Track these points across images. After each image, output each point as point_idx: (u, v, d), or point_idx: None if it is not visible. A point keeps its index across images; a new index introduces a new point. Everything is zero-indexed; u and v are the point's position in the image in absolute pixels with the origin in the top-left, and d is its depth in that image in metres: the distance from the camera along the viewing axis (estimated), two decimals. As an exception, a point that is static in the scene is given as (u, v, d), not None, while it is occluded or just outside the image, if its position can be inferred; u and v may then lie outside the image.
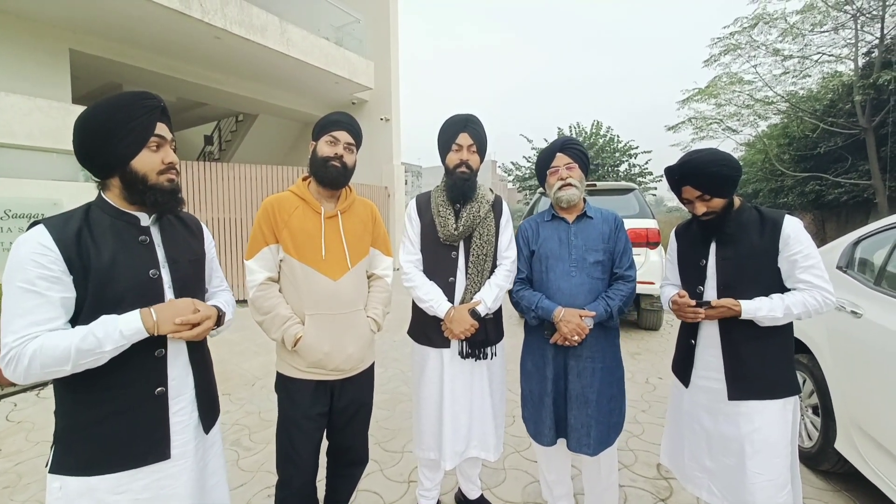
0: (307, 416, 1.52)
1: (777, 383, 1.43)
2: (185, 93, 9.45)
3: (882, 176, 9.98)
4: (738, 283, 1.45)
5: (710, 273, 1.51)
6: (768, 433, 1.41)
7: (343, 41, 9.93)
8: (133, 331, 0.97)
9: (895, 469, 1.66)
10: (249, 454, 2.51)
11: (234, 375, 3.74)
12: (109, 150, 1.03)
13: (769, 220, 1.44)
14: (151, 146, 1.05)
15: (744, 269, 1.44)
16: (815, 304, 1.37)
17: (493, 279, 1.78)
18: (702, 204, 1.47)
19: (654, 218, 4.91)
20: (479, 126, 1.76)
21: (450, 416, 1.76)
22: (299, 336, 1.46)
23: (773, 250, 1.42)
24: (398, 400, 3.25)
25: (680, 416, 1.64)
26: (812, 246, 1.41)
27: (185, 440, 1.11)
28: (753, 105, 12.54)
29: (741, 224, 1.47)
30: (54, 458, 1.01)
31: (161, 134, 1.06)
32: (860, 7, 10.05)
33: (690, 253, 1.58)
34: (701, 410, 1.54)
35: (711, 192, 1.44)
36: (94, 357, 0.95)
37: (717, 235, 1.50)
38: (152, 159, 1.05)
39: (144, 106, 1.04)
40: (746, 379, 1.43)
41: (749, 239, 1.45)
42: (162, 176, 1.06)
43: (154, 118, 1.05)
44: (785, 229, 1.41)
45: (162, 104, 1.08)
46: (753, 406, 1.43)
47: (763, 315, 1.38)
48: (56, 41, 6.53)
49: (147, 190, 1.05)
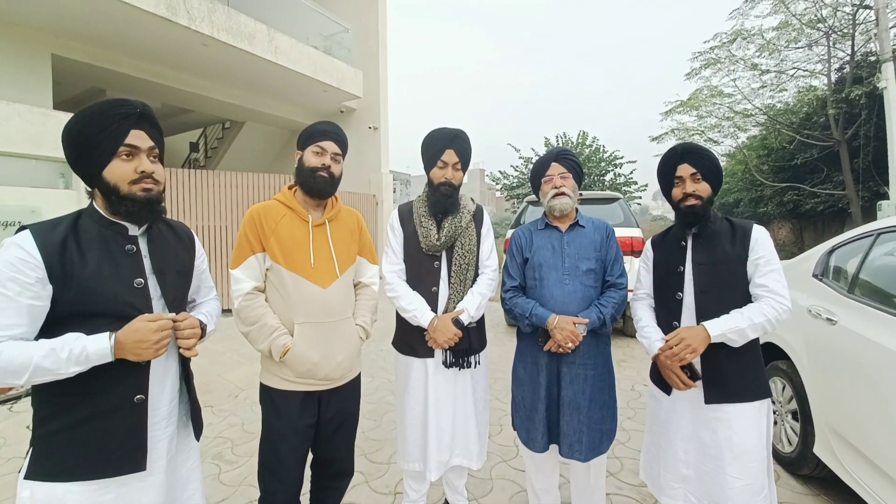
0: (295, 428, 1.49)
1: (750, 387, 1.48)
2: (170, 99, 9.34)
3: (855, 186, 10.32)
4: (713, 287, 1.50)
5: (687, 279, 1.55)
6: (746, 437, 1.45)
7: (332, 50, 9.95)
8: (100, 354, 0.95)
9: (871, 473, 1.69)
10: (232, 468, 2.45)
11: (217, 386, 3.67)
12: (85, 159, 1.02)
13: (739, 227, 1.53)
14: (122, 155, 1.02)
15: (718, 274, 1.50)
16: (772, 313, 1.41)
17: (476, 288, 1.80)
18: (692, 182, 1.53)
19: (638, 227, 5.00)
20: (465, 142, 1.78)
21: (434, 426, 1.76)
22: (288, 347, 1.44)
23: (743, 255, 1.49)
24: (385, 410, 3.21)
25: (657, 427, 1.66)
26: (775, 254, 1.48)
27: (158, 454, 1.09)
28: (733, 117, 12.91)
29: (714, 231, 1.54)
30: (29, 464, 0.99)
31: (134, 143, 1.03)
32: (832, 25, 10.47)
33: (668, 260, 1.62)
34: (679, 418, 1.57)
35: (704, 172, 1.52)
36: (51, 377, 0.92)
37: (694, 239, 1.56)
38: (123, 169, 1.02)
39: (117, 114, 1.02)
40: (723, 383, 1.48)
41: (722, 245, 1.51)
42: (135, 186, 1.03)
43: (126, 126, 1.02)
44: (754, 234, 1.50)
45: (138, 110, 1.04)
46: (730, 411, 1.47)
47: (729, 329, 1.41)
48: (38, 46, 6.41)
49: (120, 200, 1.03)
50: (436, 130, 1.80)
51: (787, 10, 10.79)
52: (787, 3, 10.72)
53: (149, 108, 1.08)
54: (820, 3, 10.40)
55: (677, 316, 1.56)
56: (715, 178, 1.54)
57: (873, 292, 1.98)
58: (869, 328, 1.81)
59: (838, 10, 10.31)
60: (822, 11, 10.46)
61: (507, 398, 1.90)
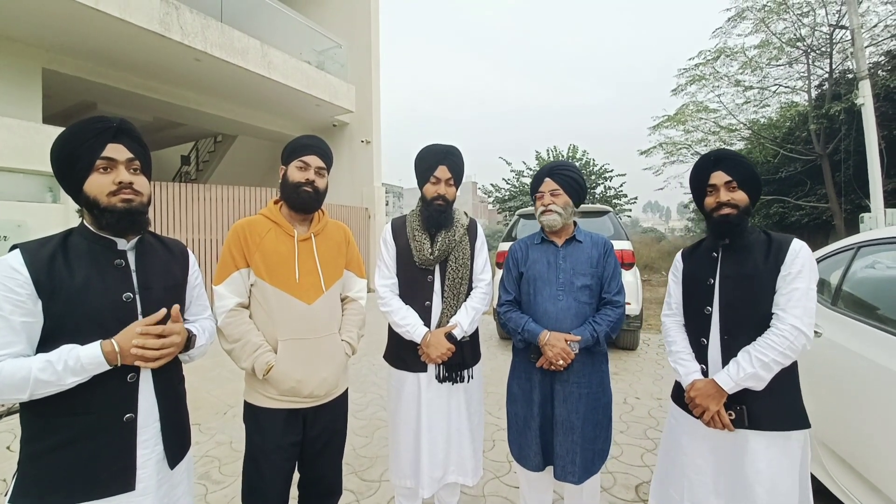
0: (279, 447, 1.46)
1: (784, 414, 1.35)
2: (162, 113, 9.34)
3: (838, 199, 10.58)
4: (739, 303, 1.40)
5: (716, 292, 1.45)
6: (779, 472, 1.31)
7: (325, 65, 10.06)
8: (94, 363, 0.96)
9: (860, 487, 1.70)
10: (218, 488, 2.40)
11: (205, 404, 3.60)
12: (68, 175, 1.05)
13: (776, 240, 1.40)
14: (99, 168, 1.04)
15: (746, 289, 1.39)
16: (781, 344, 1.27)
17: (469, 302, 1.80)
18: (727, 191, 1.41)
19: (628, 239, 5.05)
20: (458, 158, 1.79)
21: (427, 441, 1.74)
22: (271, 365, 1.42)
23: (775, 270, 1.36)
24: (376, 426, 3.17)
25: (679, 453, 1.51)
26: (808, 271, 1.33)
27: (147, 474, 1.07)
28: (719, 132, 13.22)
29: (748, 244, 1.43)
30: (15, 486, 0.97)
31: (110, 156, 1.05)
32: (810, 44, 10.86)
33: (698, 273, 1.53)
34: (705, 443, 1.43)
35: (741, 180, 1.41)
36: (53, 388, 0.94)
37: (724, 251, 1.46)
38: (101, 181, 1.04)
39: (92, 129, 1.05)
40: (751, 406, 1.35)
41: (753, 259, 1.40)
42: (114, 197, 1.04)
43: (103, 140, 1.05)
44: (791, 248, 1.36)
45: (114, 125, 1.06)
46: (760, 441, 1.33)
47: (741, 378, 1.31)
48: (29, 60, 6.40)
49: (101, 213, 1.04)
50: (428, 147, 1.81)
51: (768, 29, 11.18)
52: (768, 23, 11.11)
53: (128, 123, 1.10)
54: (798, 23, 10.80)
55: (706, 332, 1.46)
56: (753, 186, 1.42)
57: (856, 304, 2.02)
58: (853, 340, 1.84)
59: (816, 30, 10.72)
60: (800, 31, 10.86)
61: (500, 413, 1.89)
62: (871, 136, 7.63)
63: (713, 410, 1.36)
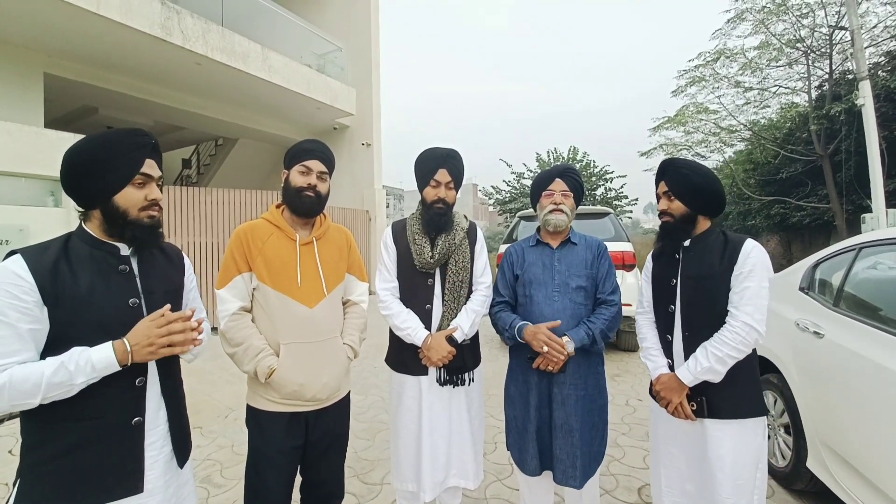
0: (281, 451, 1.46)
1: (743, 403, 1.45)
2: (163, 117, 9.37)
3: (839, 200, 10.56)
4: (698, 302, 1.50)
5: (678, 292, 1.56)
6: (738, 458, 1.42)
7: (325, 68, 10.10)
8: (105, 364, 0.97)
9: (863, 487, 1.70)
10: (220, 491, 2.39)
11: (206, 407, 3.60)
12: (94, 183, 1.05)
13: (731, 241, 1.49)
14: (136, 183, 1.07)
15: (703, 289, 1.49)
16: (733, 339, 1.38)
17: (470, 305, 1.80)
18: (665, 200, 1.56)
19: (629, 241, 5.05)
20: (458, 162, 1.80)
21: (428, 445, 1.74)
22: (273, 368, 1.42)
23: (729, 270, 1.45)
24: (377, 429, 3.17)
25: (657, 442, 1.65)
26: (760, 269, 1.41)
27: (155, 475, 1.08)
28: (719, 133, 13.22)
29: (707, 245, 1.52)
30: (18, 494, 0.97)
31: (147, 172, 1.08)
32: (810, 45, 10.86)
33: (662, 273, 1.63)
34: (677, 431, 1.56)
35: (675, 191, 1.53)
36: (64, 390, 0.94)
37: (685, 253, 1.56)
38: (135, 196, 1.07)
39: (135, 143, 1.07)
40: (711, 397, 1.46)
41: (710, 260, 1.49)
42: (143, 212, 1.08)
43: (143, 155, 1.08)
44: (743, 248, 1.45)
45: (153, 141, 1.11)
46: (724, 429, 1.44)
47: (699, 372, 1.42)
48: (30, 65, 6.43)
49: (126, 225, 1.06)
50: (428, 150, 1.82)
51: (767, 30, 11.18)
52: (767, 24, 11.11)
53: (156, 140, 1.14)
54: (798, 24, 10.80)
55: (671, 329, 1.57)
56: (691, 196, 1.51)
57: (857, 305, 2.02)
58: (854, 341, 1.84)
59: (816, 31, 10.71)
60: (800, 32, 10.86)
61: (502, 415, 1.89)
62: (871, 136, 7.63)
63: (676, 402, 1.48)
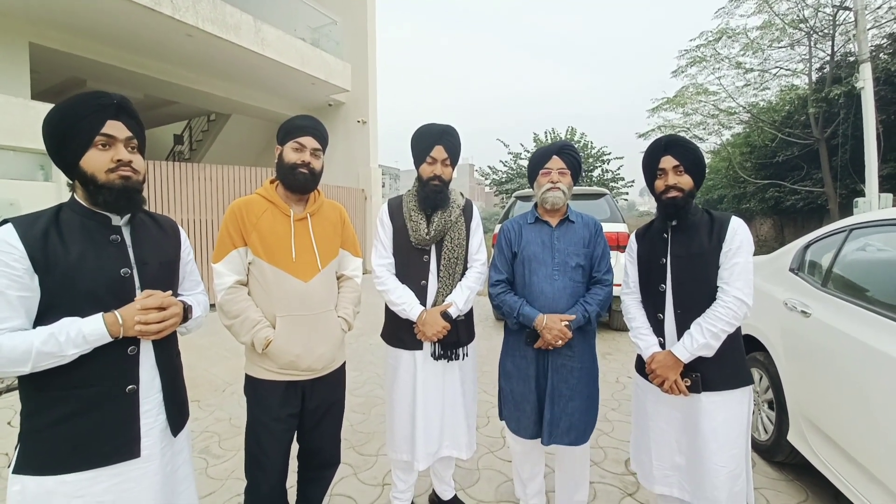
0: (277, 418, 1.51)
1: (732, 375, 1.51)
2: (153, 90, 9.14)
3: (833, 184, 10.61)
4: (689, 280, 1.53)
5: (668, 271, 1.58)
6: (729, 427, 1.48)
7: (320, 42, 9.83)
8: (97, 336, 0.98)
9: (841, 460, 1.77)
10: (219, 462, 2.45)
11: (204, 381, 3.65)
12: (63, 150, 1.03)
13: (718, 220, 1.53)
14: (98, 145, 1.03)
15: (694, 267, 1.52)
16: (726, 314, 1.42)
17: (464, 281, 1.82)
18: (675, 175, 1.53)
19: (624, 222, 5.06)
20: (454, 138, 1.78)
21: (422, 417, 1.78)
22: (269, 339, 1.45)
23: (718, 248, 1.49)
24: (373, 403, 3.23)
25: (645, 418, 1.67)
26: (745, 245, 1.47)
27: (151, 442, 1.10)
28: (718, 115, 13.12)
29: (693, 224, 1.55)
30: (18, 458, 0.99)
31: (108, 132, 1.04)
32: (813, 26, 10.69)
33: (651, 253, 1.64)
34: (666, 407, 1.59)
35: (687, 165, 1.53)
36: (55, 360, 0.95)
37: (673, 232, 1.57)
38: (100, 158, 1.03)
39: (94, 104, 1.03)
40: (704, 372, 1.50)
41: (699, 238, 1.53)
42: (112, 174, 1.04)
43: (103, 116, 1.04)
44: (730, 226, 1.50)
45: (115, 101, 1.06)
46: (715, 400, 1.49)
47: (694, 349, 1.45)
48: (15, 34, 6.21)
49: (98, 189, 1.04)
50: (425, 126, 1.80)
51: (771, 9, 10.97)
52: (771, 3, 10.90)
53: (127, 101, 1.10)
54: (802, 4, 10.61)
55: (661, 308, 1.59)
56: (697, 171, 1.54)
57: (845, 286, 2.06)
58: (841, 320, 1.88)
59: (819, 11, 10.53)
60: (804, 12, 10.67)
61: (495, 391, 1.93)
62: (869, 120, 7.61)
63: (672, 379, 1.51)
